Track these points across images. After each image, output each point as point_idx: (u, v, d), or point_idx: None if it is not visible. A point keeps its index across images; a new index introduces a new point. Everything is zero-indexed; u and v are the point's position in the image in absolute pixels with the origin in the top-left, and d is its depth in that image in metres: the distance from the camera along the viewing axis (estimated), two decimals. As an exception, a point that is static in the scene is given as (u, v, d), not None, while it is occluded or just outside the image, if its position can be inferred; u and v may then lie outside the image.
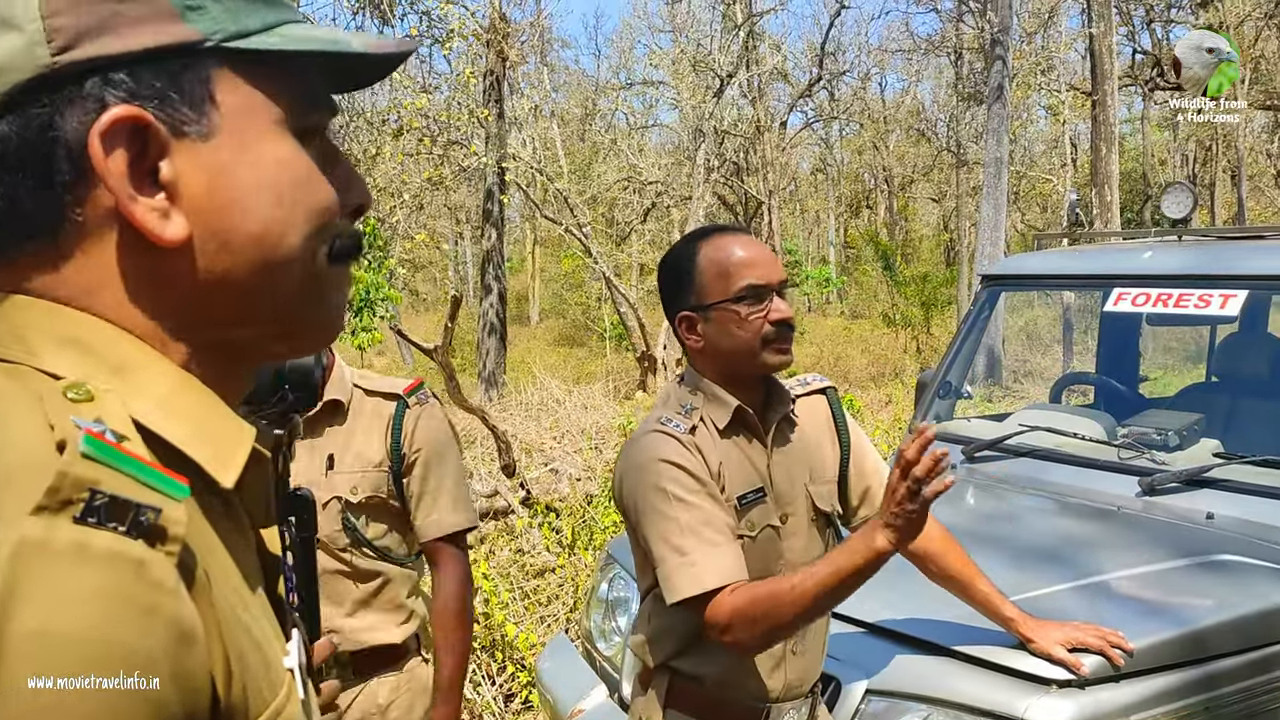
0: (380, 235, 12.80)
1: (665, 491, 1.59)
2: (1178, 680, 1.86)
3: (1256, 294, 2.84)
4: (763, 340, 1.65)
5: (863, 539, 1.48)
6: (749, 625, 1.52)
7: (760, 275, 1.65)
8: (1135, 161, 26.84)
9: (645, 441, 1.65)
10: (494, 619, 4.17)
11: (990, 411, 3.88)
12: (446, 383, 6.72)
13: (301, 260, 0.65)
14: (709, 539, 1.57)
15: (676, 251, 1.73)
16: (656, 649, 1.74)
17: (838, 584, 1.49)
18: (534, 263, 32.90)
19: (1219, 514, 2.48)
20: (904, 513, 1.45)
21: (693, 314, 1.68)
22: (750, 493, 1.68)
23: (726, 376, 1.70)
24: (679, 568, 1.56)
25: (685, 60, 20.43)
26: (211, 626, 0.54)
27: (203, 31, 0.60)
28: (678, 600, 1.56)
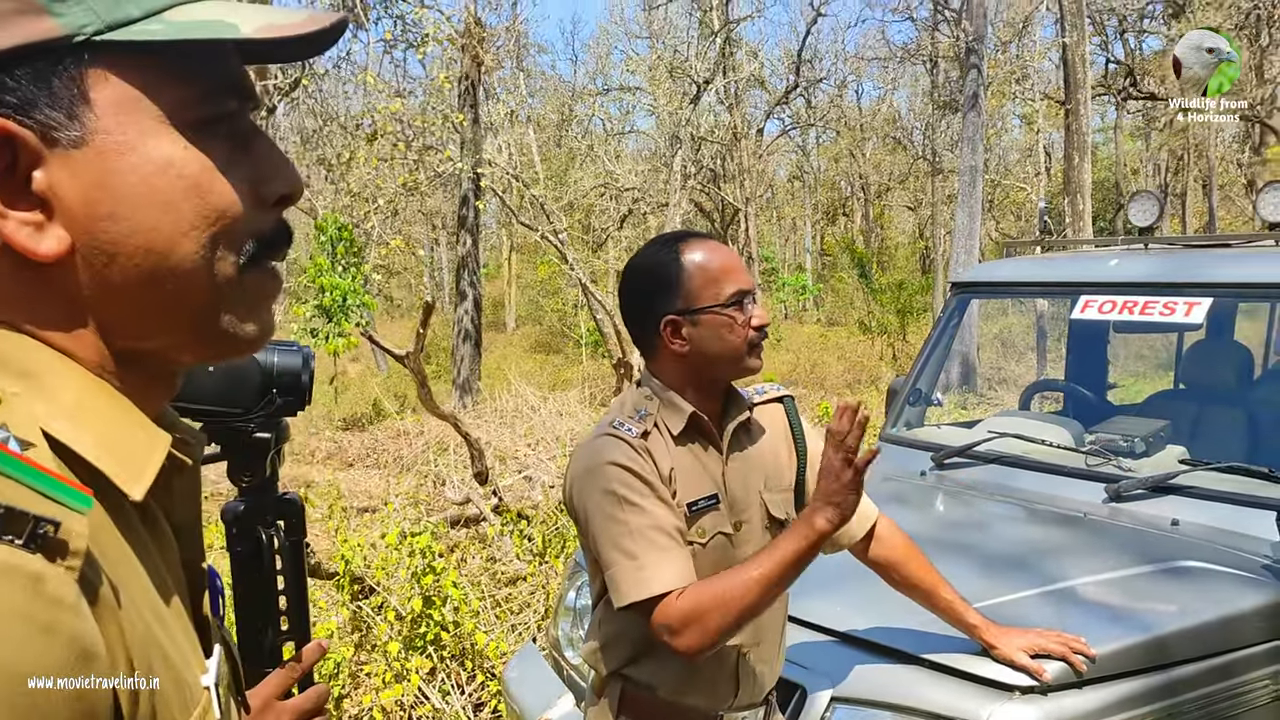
0: (355, 241, 12.74)
1: (614, 495, 1.58)
2: (1140, 686, 1.86)
3: (1222, 301, 2.86)
4: (748, 345, 1.66)
5: (803, 523, 1.51)
6: (698, 626, 1.50)
7: (743, 282, 1.67)
8: (1108, 171, 27.12)
9: (595, 445, 1.64)
10: (464, 627, 4.14)
11: (966, 419, 3.90)
12: (419, 389, 6.67)
13: (201, 269, 0.61)
14: (657, 543, 1.56)
15: (654, 256, 1.70)
16: (608, 656, 1.72)
17: (781, 571, 1.50)
18: (510, 269, 32.83)
19: (1184, 520, 2.48)
20: (841, 486, 1.48)
21: (679, 318, 1.66)
22: (702, 499, 1.67)
23: (699, 382, 1.69)
24: (627, 572, 1.55)
25: (662, 66, 20.48)
26: (116, 644, 0.52)
27: (72, 25, 0.56)
28: (625, 605, 1.55)
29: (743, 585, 1.50)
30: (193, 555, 0.72)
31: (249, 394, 1.13)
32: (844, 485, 1.48)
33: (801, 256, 36.49)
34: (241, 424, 1.13)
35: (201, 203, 0.60)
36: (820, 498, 1.50)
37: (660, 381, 1.71)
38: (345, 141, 12.05)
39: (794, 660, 1.99)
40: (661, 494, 1.60)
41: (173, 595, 0.63)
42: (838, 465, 1.48)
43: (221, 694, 0.64)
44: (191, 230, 0.60)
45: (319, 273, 11.47)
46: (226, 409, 1.11)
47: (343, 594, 4.21)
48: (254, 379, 1.14)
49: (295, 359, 1.16)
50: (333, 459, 10.50)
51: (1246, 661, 1.99)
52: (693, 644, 1.51)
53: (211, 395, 1.09)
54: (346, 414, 13.71)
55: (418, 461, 9.08)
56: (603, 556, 1.58)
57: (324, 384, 16.69)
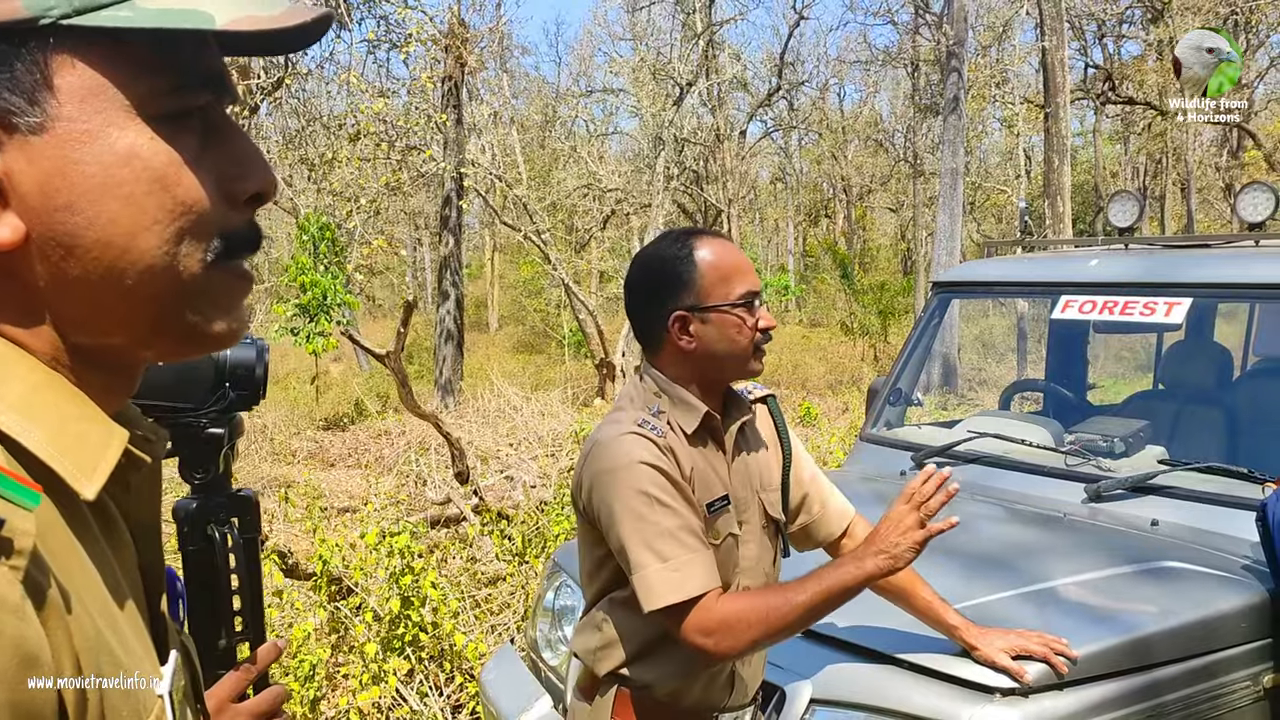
0: (337, 241, 12.66)
1: (647, 495, 1.56)
2: (1121, 688, 1.85)
3: (1201, 302, 2.86)
4: (754, 347, 1.66)
5: (854, 561, 1.54)
6: (737, 634, 1.52)
7: (753, 283, 1.67)
8: (1087, 174, 27.29)
9: (621, 444, 1.61)
10: (443, 629, 4.10)
11: (946, 419, 3.89)
12: (399, 389, 6.63)
13: (164, 265, 0.58)
14: (689, 545, 1.55)
15: (665, 250, 1.68)
16: (610, 656, 1.70)
17: (825, 601, 1.54)
18: (493, 269, 32.75)
19: (1163, 520, 2.48)
20: (905, 541, 1.52)
21: (688, 314, 1.64)
22: (717, 500, 1.67)
23: (703, 380, 1.68)
24: (660, 574, 1.53)
25: (645, 68, 20.48)
26: (63, 649, 0.49)
27: (39, 7, 0.53)
28: (659, 607, 1.53)
29: (787, 606, 1.52)
30: (152, 557, 0.69)
31: (201, 389, 1.10)
32: (909, 543, 1.53)
33: (784, 258, 36.56)
34: (193, 419, 1.10)
35: (166, 197, 0.58)
36: (879, 544, 1.53)
37: (666, 377, 1.69)
38: (328, 141, 11.96)
39: (773, 661, 1.98)
40: (688, 495, 1.60)
41: (127, 599, 0.61)
42: (909, 522, 1.53)
43: (176, 701, 0.62)
44: (154, 225, 0.58)
45: (300, 272, 11.38)
46: (177, 404, 1.08)
47: (320, 595, 4.17)
48: (206, 373, 1.11)
49: (249, 352, 1.13)
50: (314, 459, 10.44)
51: (1227, 662, 1.98)
52: (724, 649, 1.53)
53: (162, 390, 1.07)
54: (328, 414, 13.63)
55: (399, 461, 9.04)
56: (631, 558, 1.56)
57: (305, 384, 16.61)
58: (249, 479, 8.92)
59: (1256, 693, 2.02)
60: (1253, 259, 2.88)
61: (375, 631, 4.04)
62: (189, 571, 1.11)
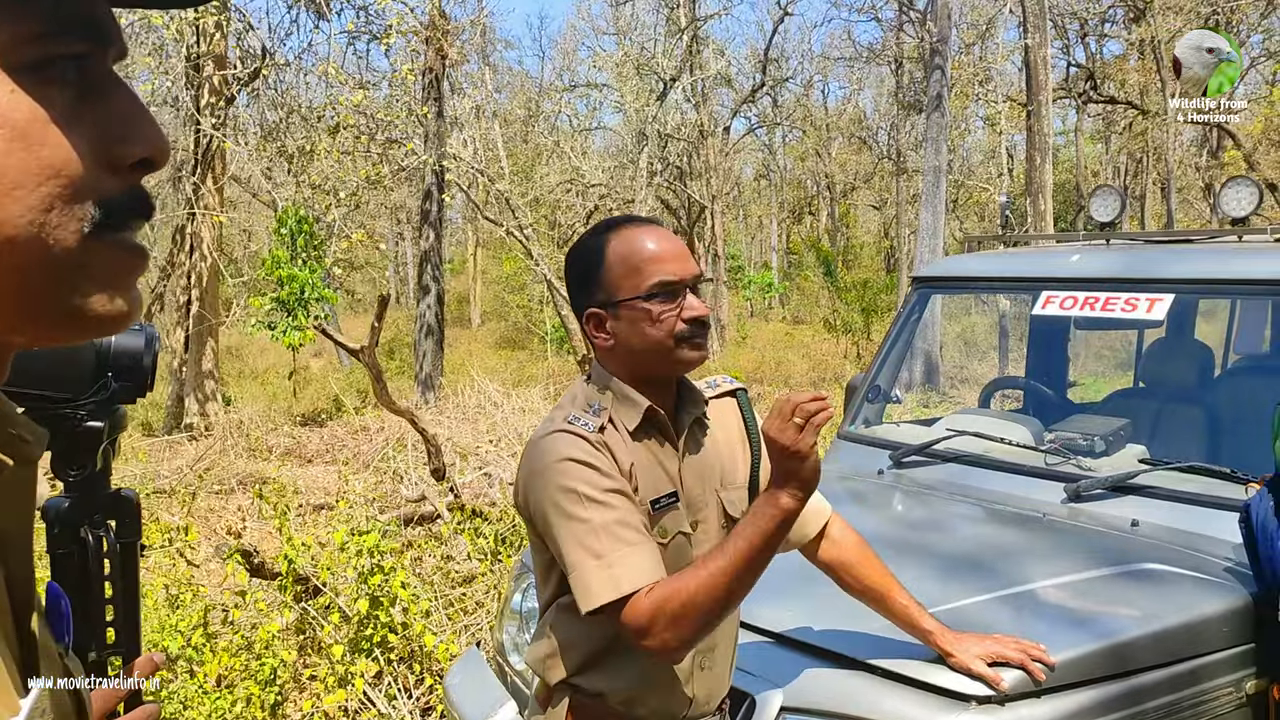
0: (315, 235, 12.54)
1: (575, 492, 1.48)
2: (1100, 695, 1.79)
3: (1183, 298, 2.81)
4: (676, 339, 1.55)
5: (765, 503, 1.41)
6: (670, 623, 1.40)
7: (672, 271, 1.56)
8: (1069, 173, 27.37)
9: (549, 442, 1.54)
10: (413, 629, 4.02)
11: (927, 417, 3.83)
12: (374, 384, 6.53)
13: (28, 237, 0.51)
14: (625, 539, 1.46)
15: (583, 244, 1.62)
16: (558, 664, 1.62)
17: (750, 558, 1.40)
18: (475, 265, 32.61)
19: (1144, 521, 2.43)
20: (797, 451, 1.37)
21: (601, 311, 1.58)
22: (663, 497, 1.58)
23: (638, 377, 1.60)
24: (594, 572, 1.45)
25: (629, 63, 20.41)
26: None
27: None
28: (595, 607, 1.44)
29: (710, 578, 1.40)
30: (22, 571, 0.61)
31: (80, 377, 1.01)
32: (800, 451, 1.38)
33: (767, 255, 36.58)
34: (70, 410, 1.00)
35: (29, 157, 0.50)
36: (778, 473, 1.40)
37: (609, 374, 1.61)
38: (306, 134, 11.83)
39: (742, 667, 1.90)
40: (624, 488, 1.51)
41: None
42: (792, 431, 1.38)
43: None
44: (15, 189, 0.50)
45: (277, 265, 11.26)
46: (53, 393, 0.99)
47: (285, 595, 4.07)
48: (87, 361, 1.02)
49: (136, 340, 1.04)
50: (291, 455, 10.32)
51: (1209, 668, 1.92)
52: (666, 644, 1.42)
53: (35, 377, 0.97)
54: (307, 409, 13.51)
55: (376, 458, 8.95)
56: (566, 558, 1.48)
57: (283, 379, 16.46)
58: (224, 475, 8.81)
59: (1239, 699, 1.97)
60: (1235, 254, 2.83)
61: (344, 633, 3.96)
62: (57, 577, 1.02)
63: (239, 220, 22.10)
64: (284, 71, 12.42)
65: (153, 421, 12.55)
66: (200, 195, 11.40)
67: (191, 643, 3.72)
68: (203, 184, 11.47)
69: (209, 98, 11.49)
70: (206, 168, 11.51)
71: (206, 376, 12.11)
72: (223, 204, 12.65)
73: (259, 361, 20.71)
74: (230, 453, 10.01)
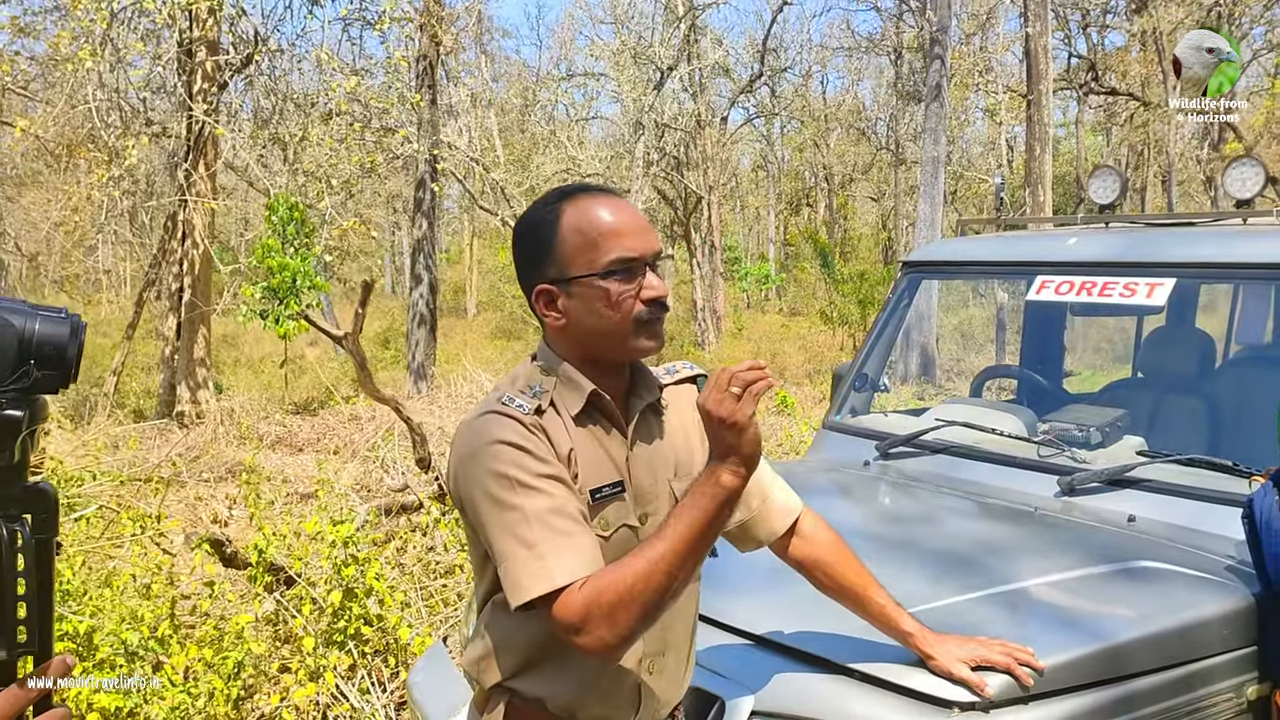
0: (308, 222, 12.42)
1: (507, 478, 1.36)
2: (1091, 702, 1.67)
3: (1184, 283, 2.69)
4: (635, 322, 1.43)
5: (704, 482, 1.30)
6: (606, 618, 1.28)
7: (631, 246, 1.43)
8: (1069, 165, 27.24)
9: (481, 424, 1.42)
10: (388, 621, 3.91)
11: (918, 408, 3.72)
12: (358, 372, 6.41)
13: None
14: (559, 528, 1.34)
15: (535, 214, 1.49)
16: (493, 667, 1.50)
17: (691, 542, 1.28)
18: (471, 255, 32.48)
19: (1140, 516, 2.32)
20: (738, 423, 1.27)
21: (552, 288, 1.45)
22: (606, 487, 1.45)
23: (588, 360, 1.48)
24: (525, 563, 1.32)
25: (626, 52, 20.27)
26: None
27: None
28: (526, 601, 1.32)
29: (647, 565, 1.28)
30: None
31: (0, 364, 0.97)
32: (738, 423, 1.27)
33: (764, 246, 36.44)
34: None
35: None
36: (717, 449, 1.29)
37: (555, 354, 1.49)
38: (299, 120, 11.69)
39: (711, 668, 1.79)
40: (560, 474, 1.39)
41: None
42: (729, 401, 1.27)
43: None
44: None
45: (266, 253, 11.13)
46: None
47: (256, 586, 3.96)
48: (8, 348, 0.98)
49: (61, 328, 1.00)
50: (281, 444, 10.23)
51: (1208, 673, 1.81)
52: (602, 641, 1.29)
53: None
54: (301, 398, 13.42)
55: (365, 447, 8.84)
56: (496, 548, 1.36)
57: (275, 368, 16.35)
58: (214, 463, 8.71)
59: (1239, 705, 1.86)
60: (1240, 237, 2.70)
61: (317, 624, 3.85)
62: None
63: (236, 208, 21.99)
64: (277, 58, 12.29)
65: (144, 409, 12.46)
66: (192, 182, 11.27)
67: (158, 634, 3.60)
68: (195, 170, 11.35)
69: (201, 84, 11.36)
70: (199, 154, 11.38)
71: (198, 364, 12.00)
72: (215, 191, 12.52)
73: (254, 350, 20.63)
74: (221, 440, 9.92)
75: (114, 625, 3.50)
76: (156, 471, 7.17)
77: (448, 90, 17.29)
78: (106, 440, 9.15)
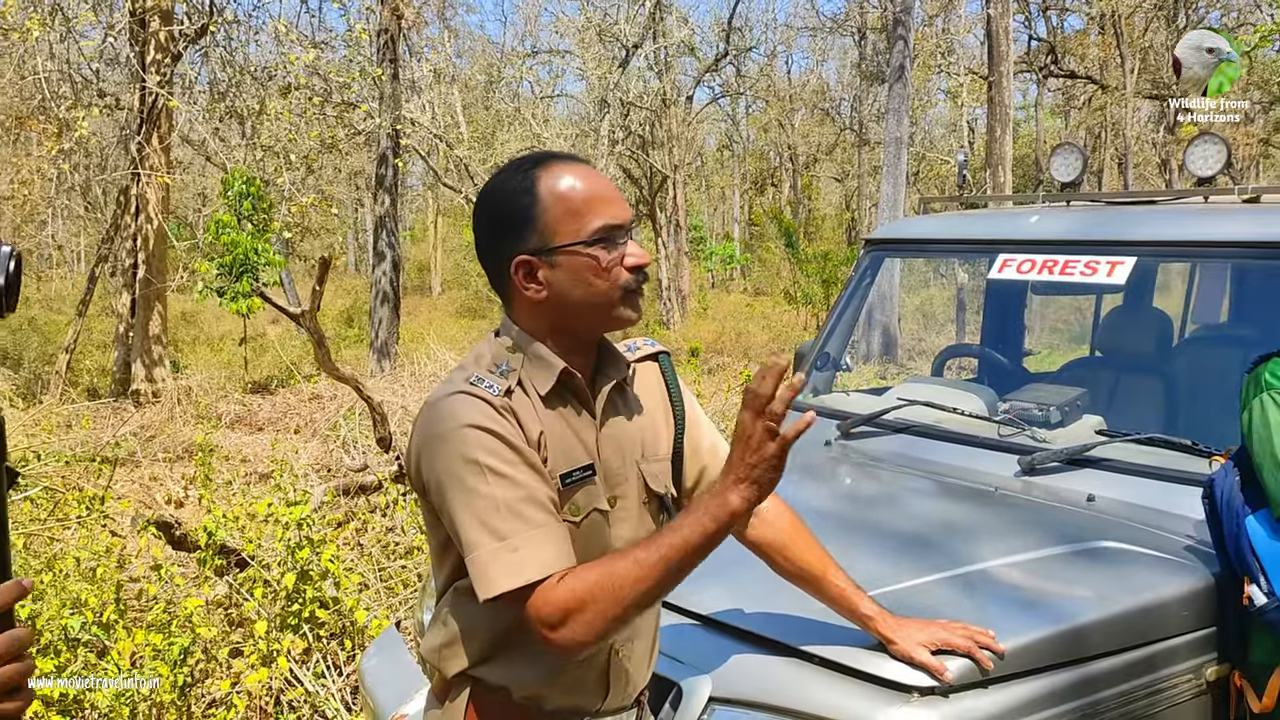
0: (264, 198, 12.20)
1: (477, 463, 1.30)
2: (1051, 685, 1.66)
3: (1144, 262, 2.67)
4: (623, 291, 1.39)
5: (713, 501, 1.25)
6: (582, 619, 1.24)
7: (615, 214, 1.39)
8: (1029, 147, 27.44)
9: (448, 405, 1.35)
10: (344, 604, 3.84)
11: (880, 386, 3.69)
12: (316, 350, 6.30)
13: None
14: (532, 519, 1.29)
15: (507, 182, 1.41)
16: (456, 655, 1.45)
17: (685, 557, 1.25)
18: (436, 232, 32.17)
19: (1100, 496, 2.30)
20: (762, 460, 1.22)
21: (534, 258, 1.38)
22: (577, 471, 1.40)
23: (563, 334, 1.43)
24: (496, 555, 1.27)
25: (591, 30, 20.09)
26: None
27: None
28: (495, 595, 1.27)
29: (637, 570, 1.24)
30: None
31: None
32: (765, 459, 1.22)
33: (729, 226, 36.44)
34: None
35: None
36: (735, 472, 1.24)
37: (522, 331, 1.43)
38: (256, 93, 11.45)
39: (669, 653, 1.75)
40: (532, 460, 1.34)
41: None
42: (759, 435, 1.22)
43: None
44: None
45: (220, 230, 10.92)
46: None
47: (205, 569, 3.87)
48: None
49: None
50: (241, 423, 10.07)
51: (1168, 654, 1.80)
52: (575, 640, 1.25)
53: None
54: (262, 376, 13.23)
55: (326, 426, 8.73)
56: (464, 538, 1.31)
57: (235, 346, 16.10)
58: (170, 443, 8.56)
59: (1198, 686, 1.85)
60: (1200, 215, 2.69)
61: (273, 608, 3.77)
62: None
63: (193, 183, 21.57)
64: (234, 29, 12.02)
65: (99, 387, 12.23)
66: (145, 155, 11.02)
67: (103, 619, 3.51)
68: (148, 144, 11.09)
69: (155, 54, 11.08)
70: (152, 127, 11.11)
71: (154, 341, 11.77)
72: (170, 165, 12.25)
73: (214, 328, 20.30)
74: (178, 419, 9.74)
75: (55, 610, 3.41)
76: (108, 451, 7.02)
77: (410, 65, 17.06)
78: (59, 419, 8.96)
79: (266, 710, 3.50)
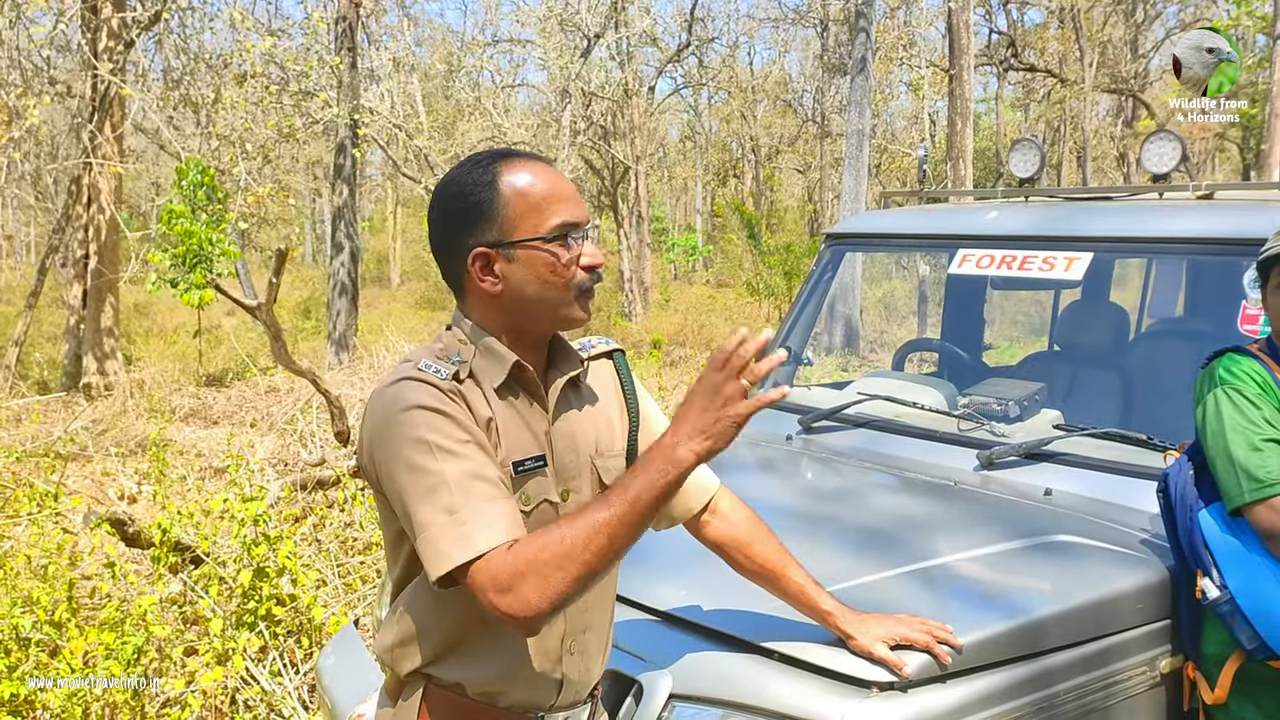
0: (219, 188, 12.00)
1: (425, 442, 1.28)
2: (1009, 679, 1.67)
3: (1100, 258, 2.70)
4: (577, 289, 1.39)
5: (661, 454, 1.23)
6: (534, 582, 1.21)
7: (572, 213, 1.39)
8: (989, 140, 27.70)
9: (395, 390, 1.34)
10: (301, 601, 3.79)
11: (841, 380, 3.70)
12: (272, 343, 6.21)
13: None
14: (480, 492, 1.27)
15: (466, 175, 1.40)
16: (410, 653, 1.43)
17: (636, 514, 1.22)
18: (395, 223, 31.90)
19: (1057, 490, 2.32)
20: (726, 415, 1.21)
21: (491, 251, 1.37)
22: (529, 460, 1.39)
23: (516, 329, 1.42)
24: (446, 529, 1.24)
25: (553, 19, 19.96)
26: None
27: None
28: (447, 570, 1.24)
29: (588, 530, 1.21)
30: None
31: None
32: (731, 415, 1.21)
33: (692, 217, 36.46)
34: None
35: None
36: (692, 423, 1.22)
37: (475, 324, 1.42)
38: (211, 81, 11.26)
39: (628, 649, 1.75)
40: (480, 441, 1.32)
41: None
42: (732, 391, 1.20)
43: None
44: None
45: (173, 220, 10.72)
46: None
47: (159, 566, 3.80)
48: None
49: None
50: (195, 416, 9.92)
51: (1123, 647, 1.82)
52: (530, 605, 1.21)
53: None
54: (216, 369, 13.02)
55: (283, 420, 8.62)
56: (415, 518, 1.28)
57: (189, 338, 15.85)
58: (122, 437, 8.41)
59: (1153, 679, 1.87)
60: (1156, 212, 2.73)
61: (228, 606, 3.71)
62: None
63: (146, 172, 21.20)
64: (187, 16, 11.80)
65: (49, 380, 11.99)
66: (97, 144, 10.80)
67: (55, 617, 3.44)
68: (100, 133, 10.87)
69: (107, 41, 10.85)
70: (104, 115, 10.89)
71: (106, 334, 11.56)
72: (122, 154, 12.03)
73: (168, 320, 19.96)
74: (130, 413, 9.57)
75: (5, 609, 3.33)
76: (60, 445, 6.88)
77: (369, 54, 16.86)
78: (8, 413, 8.78)
79: (222, 709, 3.45)
